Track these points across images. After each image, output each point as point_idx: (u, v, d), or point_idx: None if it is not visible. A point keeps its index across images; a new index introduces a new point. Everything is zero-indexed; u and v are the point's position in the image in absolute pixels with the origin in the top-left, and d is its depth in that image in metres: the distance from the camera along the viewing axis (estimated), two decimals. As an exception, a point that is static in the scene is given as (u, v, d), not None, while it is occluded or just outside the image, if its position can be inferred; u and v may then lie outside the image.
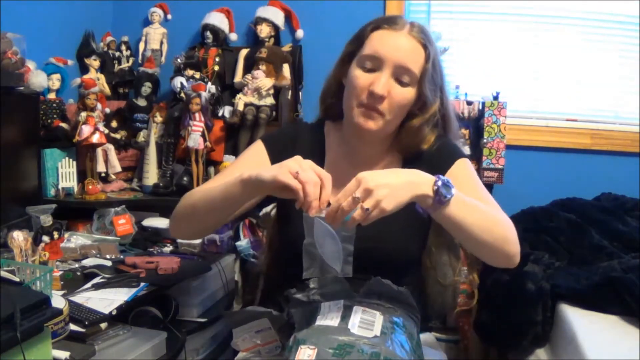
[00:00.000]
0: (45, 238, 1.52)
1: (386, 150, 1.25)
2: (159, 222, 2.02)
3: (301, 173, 0.95)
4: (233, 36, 2.43)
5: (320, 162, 1.27)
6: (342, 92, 1.21)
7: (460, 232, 1.03)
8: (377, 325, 1.03)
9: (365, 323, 1.03)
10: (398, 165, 1.25)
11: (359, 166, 1.25)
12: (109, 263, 1.67)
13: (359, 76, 1.15)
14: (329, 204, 0.97)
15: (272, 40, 2.33)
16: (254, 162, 1.23)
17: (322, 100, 1.32)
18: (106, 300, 1.41)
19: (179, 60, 2.28)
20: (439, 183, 0.97)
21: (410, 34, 1.14)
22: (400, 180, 0.96)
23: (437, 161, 1.21)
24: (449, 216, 1.00)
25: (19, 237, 1.44)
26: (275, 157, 1.24)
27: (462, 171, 1.19)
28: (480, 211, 1.04)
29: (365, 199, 0.93)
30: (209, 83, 2.17)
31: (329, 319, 1.04)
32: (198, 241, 1.92)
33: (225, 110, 2.19)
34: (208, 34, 2.34)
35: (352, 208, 0.93)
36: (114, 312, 1.36)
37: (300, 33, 2.40)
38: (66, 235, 1.78)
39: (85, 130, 1.98)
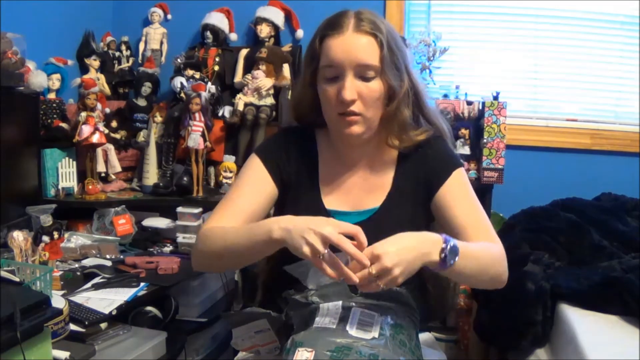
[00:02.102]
0: (45, 238, 1.52)
1: (377, 147, 1.25)
2: (159, 222, 2.02)
3: (323, 256, 0.96)
4: (233, 36, 2.43)
5: (314, 166, 1.27)
6: (319, 108, 1.21)
7: (459, 279, 1.11)
8: (375, 326, 1.03)
9: (364, 324, 1.03)
10: (393, 163, 1.25)
11: (352, 167, 1.26)
12: (109, 263, 1.67)
13: (327, 89, 1.16)
14: None
15: (272, 40, 2.33)
16: (255, 180, 1.24)
17: (300, 121, 1.32)
18: (106, 300, 1.41)
19: (179, 60, 2.28)
20: (447, 250, 1.00)
21: (356, 31, 1.13)
22: (413, 254, 0.98)
23: (434, 167, 1.22)
24: (451, 270, 1.03)
25: (19, 237, 1.44)
26: (273, 169, 1.25)
27: (458, 184, 1.21)
28: (478, 257, 1.08)
29: (382, 277, 0.95)
30: (209, 83, 2.17)
31: (327, 321, 1.04)
32: (198, 241, 1.92)
33: (225, 110, 2.20)
34: (208, 34, 2.34)
35: (367, 283, 0.96)
36: (114, 312, 1.36)
37: (300, 33, 2.40)
38: (66, 235, 1.78)
39: (85, 130, 1.98)
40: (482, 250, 1.09)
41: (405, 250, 0.98)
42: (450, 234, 1.14)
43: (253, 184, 1.23)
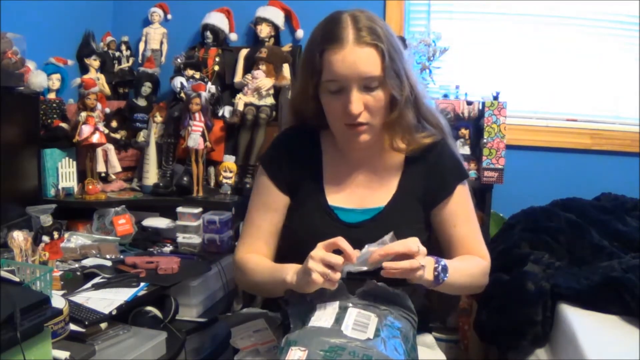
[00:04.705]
0: (45, 238, 1.52)
1: (382, 150, 1.25)
2: (159, 222, 2.02)
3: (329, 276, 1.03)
4: (233, 36, 2.43)
5: (318, 166, 1.27)
6: (322, 115, 1.22)
7: (447, 291, 1.18)
8: (371, 327, 1.03)
9: (359, 325, 1.03)
10: (399, 167, 1.25)
11: (358, 168, 1.26)
12: (109, 263, 1.67)
13: (331, 102, 1.17)
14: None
15: (272, 40, 2.33)
16: (267, 198, 1.28)
17: (302, 124, 1.32)
18: (106, 300, 1.41)
19: (179, 60, 2.28)
20: (439, 269, 1.11)
21: (357, 44, 1.11)
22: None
23: (440, 178, 1.24)
24: (442, 285, 1.13)
25: (19, 237, 1.44)
26: (278, 179, 1.27)
27: (461, 201, 1.25)
28: (465, 273, 1.18)
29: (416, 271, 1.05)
30: (209, 83, 2.17)
31: (322, 320, 1.03)
32: (198, 241, 1.92)
33: (225, 110, 2.20)
34: (208, 34, 2.35)
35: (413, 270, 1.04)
36: (114, 312, 1.36)
37: (300, 33, 2.40)
38: (66, 235, 1.78)
39: (85, 130, 1.98)
40: (470, 267, 1.20)
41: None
42: (446, 245, 1.24)
43: (267, 203, 1.28)
